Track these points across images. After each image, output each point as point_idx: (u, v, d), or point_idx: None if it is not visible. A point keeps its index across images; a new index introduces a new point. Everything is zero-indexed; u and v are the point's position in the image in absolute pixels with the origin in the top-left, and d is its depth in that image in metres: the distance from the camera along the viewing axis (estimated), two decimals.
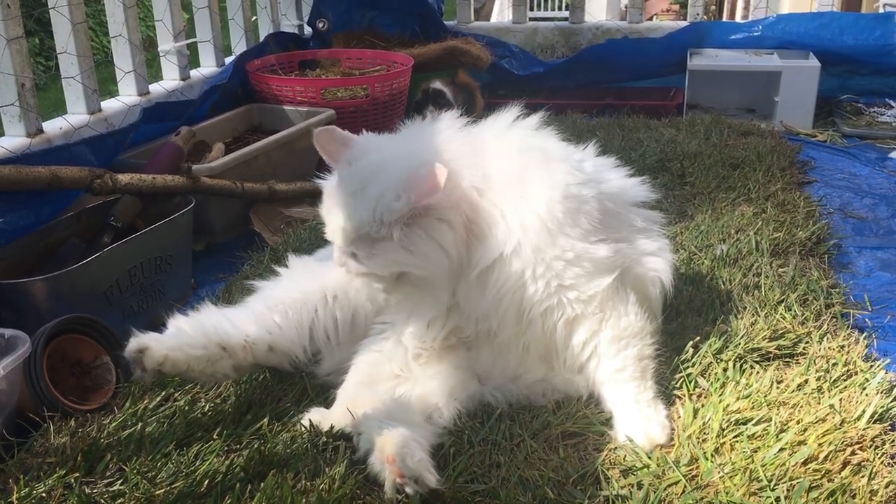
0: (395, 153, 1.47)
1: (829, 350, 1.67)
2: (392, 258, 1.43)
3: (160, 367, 1.43)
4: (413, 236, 1.41)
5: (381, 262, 1.45)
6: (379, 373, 1.54)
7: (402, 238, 1.40)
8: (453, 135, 1.51)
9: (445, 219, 1.41)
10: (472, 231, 1.45)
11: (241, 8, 3.56)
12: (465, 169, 1.44)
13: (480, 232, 1.45)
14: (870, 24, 3.57)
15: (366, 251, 1.44)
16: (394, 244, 1.41)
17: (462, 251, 1.45)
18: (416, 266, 1.45)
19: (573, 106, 3.73)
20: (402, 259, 1.43)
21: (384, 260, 1.44)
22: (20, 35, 2.30)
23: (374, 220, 1.40)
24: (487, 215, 1.44)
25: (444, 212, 1.41)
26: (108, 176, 2.06)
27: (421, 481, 1.26)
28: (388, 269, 1.48)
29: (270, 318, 1.58)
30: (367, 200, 1.40)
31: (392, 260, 1.44)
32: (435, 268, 1.45)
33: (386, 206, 1.39)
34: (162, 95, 2.99)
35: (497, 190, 1.45)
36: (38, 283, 1.75)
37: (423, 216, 1.40)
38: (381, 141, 1.55)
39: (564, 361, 1.53)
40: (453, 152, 1.45)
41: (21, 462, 1.41)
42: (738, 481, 1.31)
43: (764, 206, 2.46)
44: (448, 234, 1.42)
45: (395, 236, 1.40)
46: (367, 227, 1.41)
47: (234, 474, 1.34)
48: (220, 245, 2.44)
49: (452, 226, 1.42)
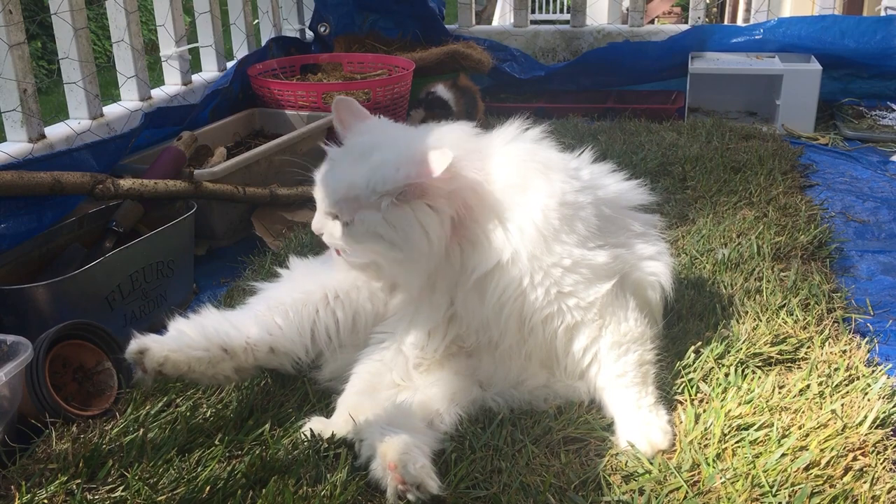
0: (405, 135, 1.51)
1: (830, 355, 1.67)
2: (372, 230, 1.41)
3: (161, 368, 1.43)
4: (399, 213, 1.40)
5: (360, 231, 1.43)
6: (380, 382, 1.53)
7: (388, 210, 1.39)
8: (464, 136, 1.53)
9: (436, 207, 1.41)
10: (466, 235, 1.45)
11: (242, 12, 3.57)
12: (470, 167, 1.44)
13: (475, 237, 1.44)
14: (871, 27, 3.57)
15: (348, 215, 1.43)
16: (378, 215, 1.40)
17: (456, 253, 1.45)
18: (392, 242, 1.42)
19: (574, 109, 3.73)
20: (381, 231, 1.41)
21: (363, 230, 1.42)
22: (22, 41, 2.31)
23: (367, 185, 1.40)
24: (483, 220, 1.44)
25: (436, 199, 1.41)
26: (109, 181, 2.06)
27: (423, 488, 1.26)
28: (364, 242, 1.45)
29: (271, 319, 1.58)
30: (366, 166, 1.41)
31: (371, 232, 1.42)
32: (413, 252, 1.42)
33: (382, 175, 1.39)
34: (164, 100, 3.00)
35: (496, 195, 1.45)
36: (40, 288, 1.75)
37: (414, 198, 1.39)
38: (395, 125, 1.59)
39: (565, 368, 1.53)
40: (462, 149, 1.46)
41: (23, 468, 1.41)
42: (740, 487, 1.31)
43: (765, 210, 2.46)
44: (434, 222, 1.41)
45: (382, 206, 1.39)
46: (358, 190, 1.41)
47: (236, 480, 1.34)
48: (221, 249, 2.45)
49: (441, 216, 1.42)
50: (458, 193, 1.42)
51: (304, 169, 1.59)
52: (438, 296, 1.53)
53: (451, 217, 1.43)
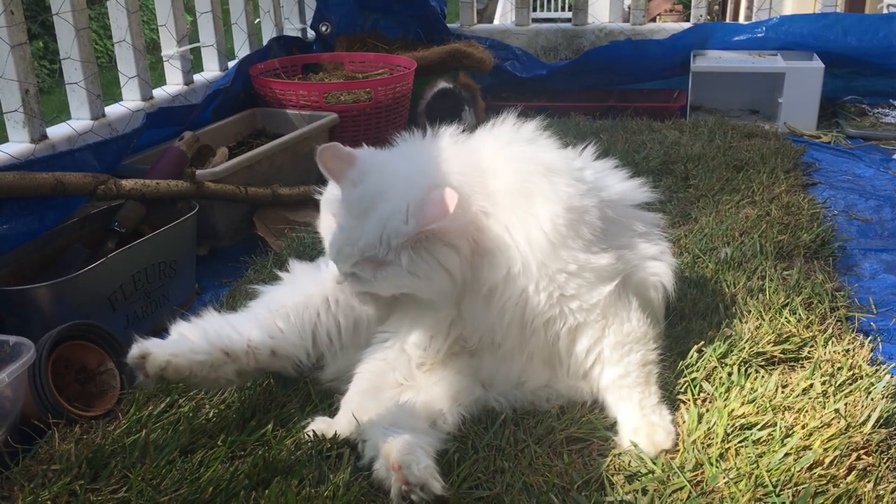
0: (401, 174, 1.44)
1: (834, 354, 1.66)
2: (396, 282, 1.42)
3: (162, 372, 1.43)
4: (418, 260, 1.39)
5: (384, 285, 1.44)
6: (383, 382, 1.53)
7: (408, 262, 1.38)
8: (456, 153, 1.49)
9: (452, 244, 1.40)
10: (478, 251, 1.44)
11: (244, 12, 3.57)
12: (473, 192, 1.42)
13: (487, 251, 1.43)
14: (874, 24, 3.56)
15: (369, 273, 1.43)
16: (400, 268, 1.39)
17: (467, 273, 1.44)
18: (419, 289, 1.44)
19: (576, 108, 3.73)
20: (406, 283, 1.42)
21: (387, 283, 1.44)
22: (23, 41, 2.31)
23: (381, 243, 1.38)
24: (494, 234, 1.42)
25: (451, 237, 1.39)
26: (111, 181, 2.06)
27: (427, 488, 1.26)
28: (390, 292, 1.48)
29: (273, 323, 1.58)
30: (375, 223, 1.39)
31: (395, 283, 1.43)
32: (439, 291, 1.44)
33: (393, 229, 1.37)
34: (165, 100, 3.00)
35: (502, 207, 1.43)
36: (42, 289, 1.75)
37: (429, 241, 1.38)
38: (386, 159, 1.51)
39: (568, 368, 1.52)
40: (461, 175, 1.43)
41: (26, 469, 1.41)
42: (744, 487, 1.31)
43: (768, 209, 2.46)
44: (454, 259, 1.41)
45: (403, 261, 1.38)
46: (373, 251, 1.39)
47: (239, 481, 1.34)
48: (223, 250, 2.45)
49: (459, 250, 1.41)
50: (468, 224, 1.41)
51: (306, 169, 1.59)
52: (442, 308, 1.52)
53: (468, 246, 1.42)
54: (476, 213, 1.42)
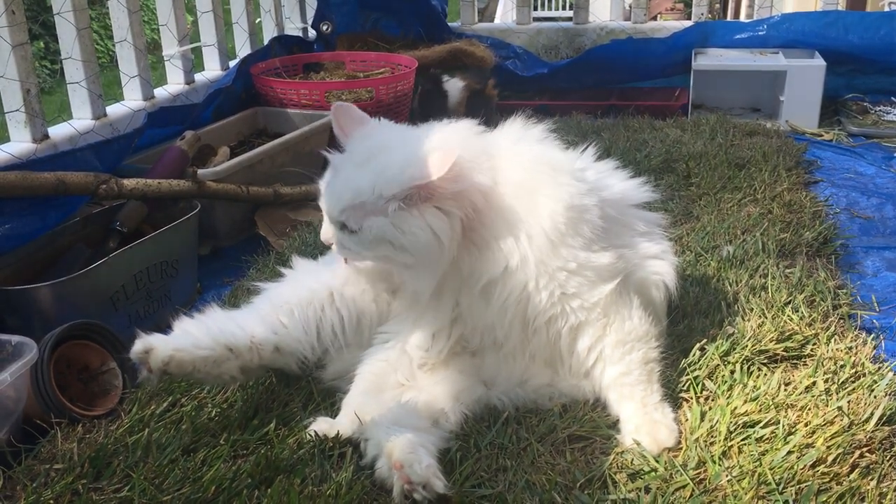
0: (408, 137, 1.48)
1: (836, 352, 1.66)
2: (381, 236, 1.39)
3: (166, 367, 1.42)
4: (407, 216, 1.37)
5: (369, 238, 1.41)
6: (384, 382, 1.53)
7: (396, 215, 1.37)
8: (469, 136, 1.50)
9: (444, 209, 1.39)
10: (474, 239, 1.43)
11: (245, 11, 3.56)
12: (477, 168, 1.42)
13: (483, 241, 1.43)
14: (875, 22, 3.56)
15: (356, 223, 1.41)
16: (386, 220, 1.38)
17: (463, 257, 1.44)
18: (401, 247, 1.40)
19: (577, 107, 3.72)
20: (389, 236, 1.39)
21: (372, 237, 1.40)
22: (24, 41, 2.31)
23: (373, 191, 1.37)
24: (492, 224, 1.42)
25: (444, 201, 1.38)
26: (113, 181, 2.06)
27: (429, 487, 1.26)
28: (374, 249, 1.43)
29: (276, 318, 1.58)
30: (370, 171, 1.39)
31: (381, 238, 1.40)
32: (424, 255, 1.40)
33: (387, 178, 1.37)
34: (167, 100, 3.00)
35: (505, 198, 1.43)
36: (44, 288, 1.75)
37: (422, 201, 1.37)
38: (397, 126, 1.55)
39: (570, 367, 1.52)
40: (469, 150, 1.43)
41: (28, 468, 1.41)
42: (746, 485, 1.31)
43: (770, 207, 2.46)
44: (444, 224, 1.39)
45: (390, 211, 1.37)
46: (364, 196, 1.38)
47: (241, 480, 1.34)
48: (225, 249, 2.45)
49: (450, 217, 1.39)
50: (465, 195, 1.40)
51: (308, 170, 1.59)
52: (444, 299, 1.52)
53: (460, 219, 1.41)
54: (474, 187, 1.41)
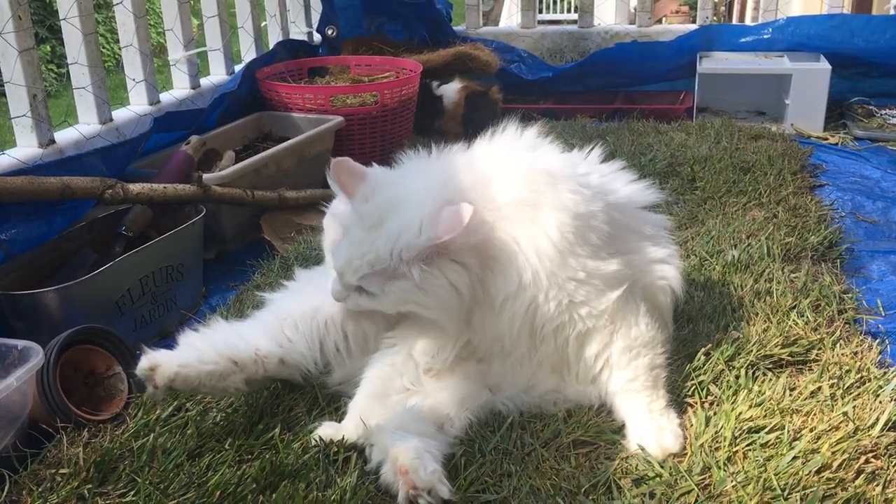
0: (414, 189, 1.44)
1: (842, 356, 1.66)
2: (404, 297, 1.41)
3: (171, 383, 1.43)
4: (428, 277, 1.38)
5: (390, 300, 1.43)
6: (390, 387, 1.53)
7: (420, 277, 1.37)
8: (463, 166, 1.49)
9: (461, 261, 1.39)
10: (488, 265, 1.43)
11: (250, 16, 3.57)
12: (483, 207, 1.41)
13: (497, 264, 1.42)
14: (881, 25, 3.55)
15: (377, 288, 1.42)
16: (410, 283, 1.38)
17: (478, 290, 1.44)
18: (426, 306, 1.42)
19: (582, 110, 3.73)
20: (413, 298, 1.41)
21: (395, 298, 1.42)
22: (31, 46, 2.32)
23: (391, 255, 1.37)
24: (503, 246, 1.41)
25: (460, 253, 1.38)
26: (119, 186, 2.07)
27: (434, 492, 1.26)
28: (395, 308, 1.46)
29: (281, 332, 1.58)
30: (387, 236, 1.38)
31: (403, 299, 1.42)
32: (446, 309, 1.43)
33: (406, 242, 1.36)
34: (172, 104, 3.00)
35: (509, 219, 1.42)
36: (50, 293, 1.76)
37: (440, 256, 1.37)
38: (397, 176, 1.51)
39: (577, 374, 1.52)
40: (473, 190, 1.42)
41: (34, 473, 1.41)
42: (752, 490, 1.30)
43: (775, 211, 2.45)
44: (464, 277, 1.40)
45: (414, 275, 1.37)
46: (384, 263, 1.38)
47: (246, 485, 1.34)
48: (230, 253, 2.45)
49: (468, 268, 1.40)
50: (481, 241, 1.40)
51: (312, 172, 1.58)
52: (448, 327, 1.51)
53: (477, 264, 1.41)
54: (487, 229, 1.41)
